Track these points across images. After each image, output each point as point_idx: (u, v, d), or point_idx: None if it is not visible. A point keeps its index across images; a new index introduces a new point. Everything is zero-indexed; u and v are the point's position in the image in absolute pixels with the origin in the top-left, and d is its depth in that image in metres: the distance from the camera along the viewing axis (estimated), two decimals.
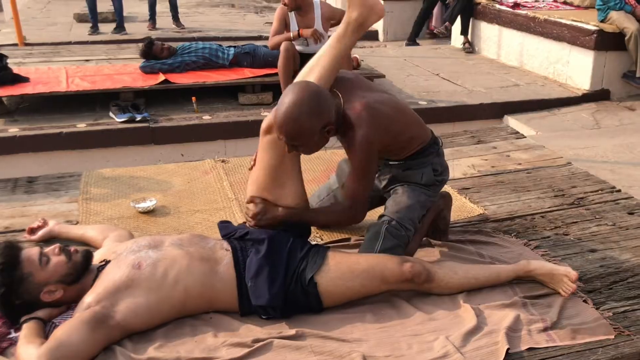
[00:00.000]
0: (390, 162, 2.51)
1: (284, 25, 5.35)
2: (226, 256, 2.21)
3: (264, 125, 2.35)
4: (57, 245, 2.13)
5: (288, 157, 2.32)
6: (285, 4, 5.23)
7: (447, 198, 2.74)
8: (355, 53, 6.12)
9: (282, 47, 5.23)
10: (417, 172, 2.47)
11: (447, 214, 2.74)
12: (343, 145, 2.38)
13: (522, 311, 2.21)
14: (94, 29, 8.62)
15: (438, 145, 2.55)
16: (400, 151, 2.43)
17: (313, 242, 2.43)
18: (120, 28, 8.74)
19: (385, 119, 2.30)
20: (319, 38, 5.25)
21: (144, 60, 5.83)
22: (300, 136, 2.17)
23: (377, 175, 2.54)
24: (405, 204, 2.44)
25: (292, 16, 5.31)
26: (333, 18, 5.45)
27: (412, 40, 8.67)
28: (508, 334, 2.07)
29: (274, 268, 2.17)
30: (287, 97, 2.15)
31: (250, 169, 2.45)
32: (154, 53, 5.79)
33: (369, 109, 2.26)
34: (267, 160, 2.34)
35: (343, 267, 2.20)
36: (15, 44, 7.84)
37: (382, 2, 9.63)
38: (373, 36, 9.66)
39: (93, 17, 8.58)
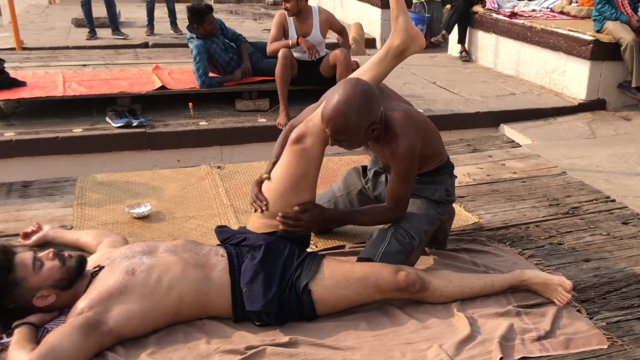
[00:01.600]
0: None
1: (282, 32, 5.36)
2: (221, 262, 2.20)
3: (293, 135, 2.34)
4: (51, 250, 2.13)
5: (313, 169, 2.34)
6: (287, 9, 5.23)
7: (450, 211, 2.76)
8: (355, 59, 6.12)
9: (279, 55, 5.24)
10: (430, 188, 2.52)
11: (447, 226, 2.75)
12: (379, 151, 2.42)
13: (515, 320, 2.21)
14: (92, 34, 8.62)
15: (452, 168, 2.61)
16: (421, 165, 2.46)
17: (308, 250, 2.43)
18: (117, 31, 8.74)
19: (422, 127, 2.37)
20: (314, 54, 5.24)
21: (191, 39, 5.52)
22: (347, 132, 2.19)
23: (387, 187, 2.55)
24: (414, 214, 2.46)
25: (291, 22, 5.32)
26: (331, 26, 5.47)
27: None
28: (501, 343, 2.07)
29: (269, 274, 2.17)
30: (339, 92, 2.17)
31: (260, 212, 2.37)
32: (204, 26, 5.42)
33: (409, 118, 2.31)
34: (293, 168, 2.31)
35: (338, 275, 2.20)
36: (13, 49, 7.83)
37: (380, 10, 9.73)
38: (371, 44, 9.69)
39: (90, 23, 8.59)
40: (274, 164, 2.39)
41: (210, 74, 5.57)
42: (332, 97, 2.17)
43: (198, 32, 5.45)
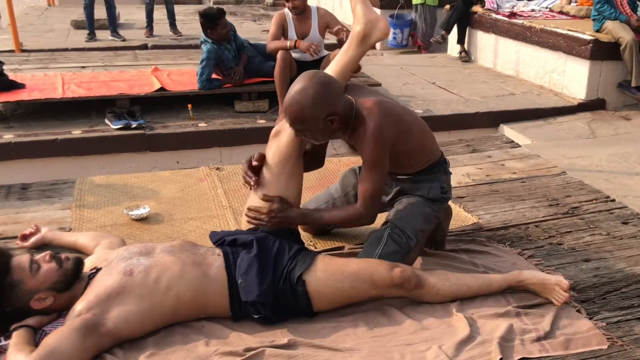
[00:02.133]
0: (399, 177, 2.53)
1: (282, 31, 5.36)
2: (217, 260, 2.21)
3: (273, 130, 2.44)
4: (48, 252, 2.12)
5: (291, 162, 2.39)
6: (294, 6, 5.21)
7: (447, 210, 2.75)
8: None
9: (278, 56, 5.24)
10: (425, 186, 2.51)
11: (445, 225, 2.74)
12: (354, 144, 2.41)
13: (515, 321, 2.20)
14: (91, 36, 8.62)
15: (447, 165, 2.59)
16: (410, 161, 2.45)
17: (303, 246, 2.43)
18: (115, 33, 8.74)
19: (394, 113, 2.34)
20: (314, 53, 5.21)
21: (204, 42, 5.48)
22: (303, 121, 2.21)
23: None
24: (410, 213, 2.45)
25: (291, 22, 5.32)
26: (329, 27, 5.45)
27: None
28: (501, 343, 2.06)
29: (264, 265, 2.19)
30: (297, 84, 2.21)
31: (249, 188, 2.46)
32: (218, 30, 5.38)
33: (379, 103, 2.30)
34: (271, 162, 2.40)
35: (332, 267, 2.20)
36: (12, 51, 7.83)
37: (379, 10, 9.72)
38: None
39: (90, 25, 8.59)
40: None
41: (213, 76, 5.57)
42: (291, 88, 2.22)
43: (212, 36, 5.43)
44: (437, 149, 2.55)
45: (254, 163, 2.43)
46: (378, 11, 9.91)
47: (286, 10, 5.34)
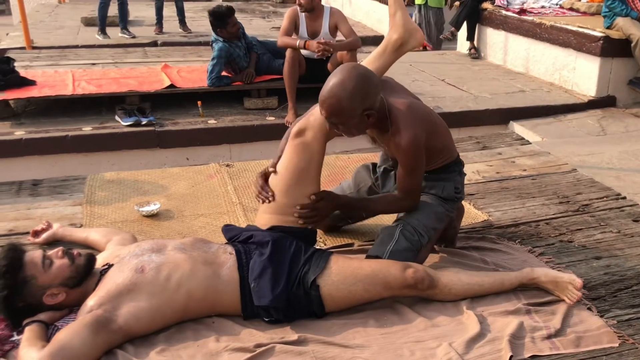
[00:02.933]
0: None
1: (294, 26, 5.35)
2: (230, 259, 2.21)
3: (295, 129, 2.37)
4: (60, 248, 2.14)
5: (315, 162, 2.35)
6: (300, 4, 5.22)
7: (460, 208, 2.75)
8: (362, 58, 6.11)
9: (287, 54, 5.25)
10: (439, 185, 2.51)
11: (457, 224, 2.74)
12: (383, 142, 2.41)
13: (525, 318, 2.20)
14: (103, 33, 8.65)
15: (462, 165, 2.60)
16: (431, 160, 2.45)
17: (316, 247, 2.42)
18: (125, 30, 8.76)
19: (425, 117, 2.37)
20: (325, 53, 5.17)
21: (216, 40, 5.48)
22: (340, 114, 2.18)
23: (395, 185, 2.55)
24: (422, 211, 2.45)
25: (302, 19, 5.31)
26: (338, 26, 5.43)
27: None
28: (511, 341, 2.06)
29: (277, 269, 2.17)
30: (335, 75, 2.18)
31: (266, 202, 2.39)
32: (227, 29, 5.41)
33: (412, 109, 2.30)
34: (295, 162, 2.33)
35: (346, 271, 2.19)
36: (23, 48, 7.88)
37: (388, 7, 9.70)
38: (378, 41, 9.66)
39: (102, 23, 8.62)
40: (279, 157, 2.40)
41: (224, 73, 5.58)
42: (329, 80, 2.19)
43: (222, 35, 5.44)
44: (454, 149, 2.56)
45: (270, 169, 2.39)
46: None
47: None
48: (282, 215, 2.32)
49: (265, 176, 2.39)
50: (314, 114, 2.34)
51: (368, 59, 2.51)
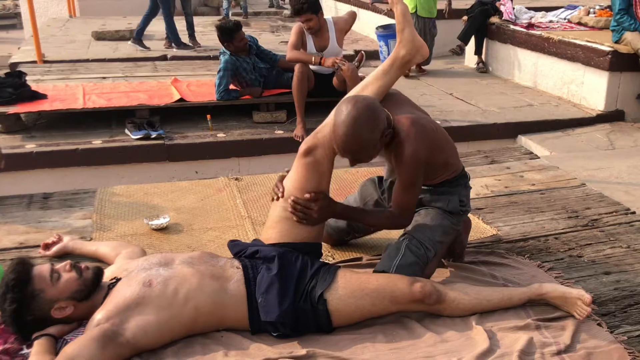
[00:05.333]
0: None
1: (301, 41, 5.38)
2: (237, 274, 2.21)
3: (302, 148, 2.39)
4: (68, 262, 2.15)
5: (324, 179, 2.38)
6: (309, 28, 5.24)
7: (467, 222, 2.75)
8: (366, 72, 6.14)
9: (296, 68, 5.27)
10: (444, 198, 2.51)
11: (464, 238, 2.74)
12: (386, 157, 2.43)
13: (535, 334, 2.19)
14: (141, 45, 8.77)
15: (467, 178, 2.60)
16: (434, 174, 2.46)
17: (325, 261, 2.42)
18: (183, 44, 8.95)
19: (429, 132, 2.36)
20: (341, 63, 5.18)
21: (223, 53, 5.54)
22: (364, 149, 2.21)
23: None
24: (428, 225, 2.45)
25: (309, 35, 5.34)
26: (345, 31, 5.50)
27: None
28: (521, 357, 2.05)
29: (285, 284, 2.18)
30: (343, 115, 2.18)
31: (275, 199, 2.43)
32: (234, 43, 5.46)
33: (416, 124, 2.31)
34: (305, 182, 2.35)
35: (353, 285, 2.19)
36: (34, 62, 7.95)
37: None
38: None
39: (138, 35, 8.77)
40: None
41: (231, 87, 5.62)
42: (338, 122, 2.19)
43: (229, 49, 5.49)
44: (459, 163, 2.56)
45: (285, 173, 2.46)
46: None
47: None
48: (288, 231, 2.34)
49: (282, 177, 2.46)
50: (322, 131, 2.37)
51: (374, 74, 2.52)
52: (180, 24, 9.58)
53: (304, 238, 2.35)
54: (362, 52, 5.72)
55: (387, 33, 7.34)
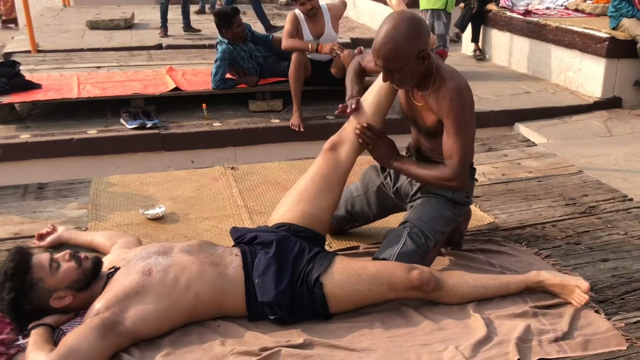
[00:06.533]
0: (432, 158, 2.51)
1: (297, 29, 5.35)
2: (235, 260, 2.21)
3: (327, 145, 2.46)
4: (68, 251, 2.14)
5: (343, 174, 2.44)
6: (310, 8, 5.21)
7: (467, 212, 2.74)
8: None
9: (293, 57, 5.24)
10: None
11: (463, 227, 2.73)
12: (419, 102, 2.37)
13: (532, 321, 2.19)
14: (165, 32, 8.85)
15: (474, 172, 2.59)
16: None
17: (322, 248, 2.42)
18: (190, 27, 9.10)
19: (471, 94, 2.35)
20: (338, 49, 5.16)
21: (220, 42, 5.52)
22: (398, 59, 2.19)
23: (408, 180, 2.54)
24: (430, 214, 2.44)
25: (304, 22, 5.31)
26: (338, 17, 5.48)
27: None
28: (518, 344, 2.05)
29: (282, 266, 2.18)
30: (386, 23, 2.21)
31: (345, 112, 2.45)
32: (233, 30, 5.44)
33: (462, 77, 2.32)
34: (322, 173, 2.43)
35: (350, 270, 2.19)
36: (28, 51, 7.90)
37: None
38: None
39: (163, 21, 8.85)
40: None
41: (228, 75, 5.59)
42: (380, 29, 2.21)
43: (227, 36, 5.45)
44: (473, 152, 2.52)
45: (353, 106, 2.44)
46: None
47: (297, 11, 5.33)
48: (300, 217, 2.38)
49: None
50: (346, 129, 2.42)
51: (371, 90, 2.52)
52: (175, 12, 9.54)
53: (320, 208, 2.39)
54: (361, 48, 5.69)
55: None
